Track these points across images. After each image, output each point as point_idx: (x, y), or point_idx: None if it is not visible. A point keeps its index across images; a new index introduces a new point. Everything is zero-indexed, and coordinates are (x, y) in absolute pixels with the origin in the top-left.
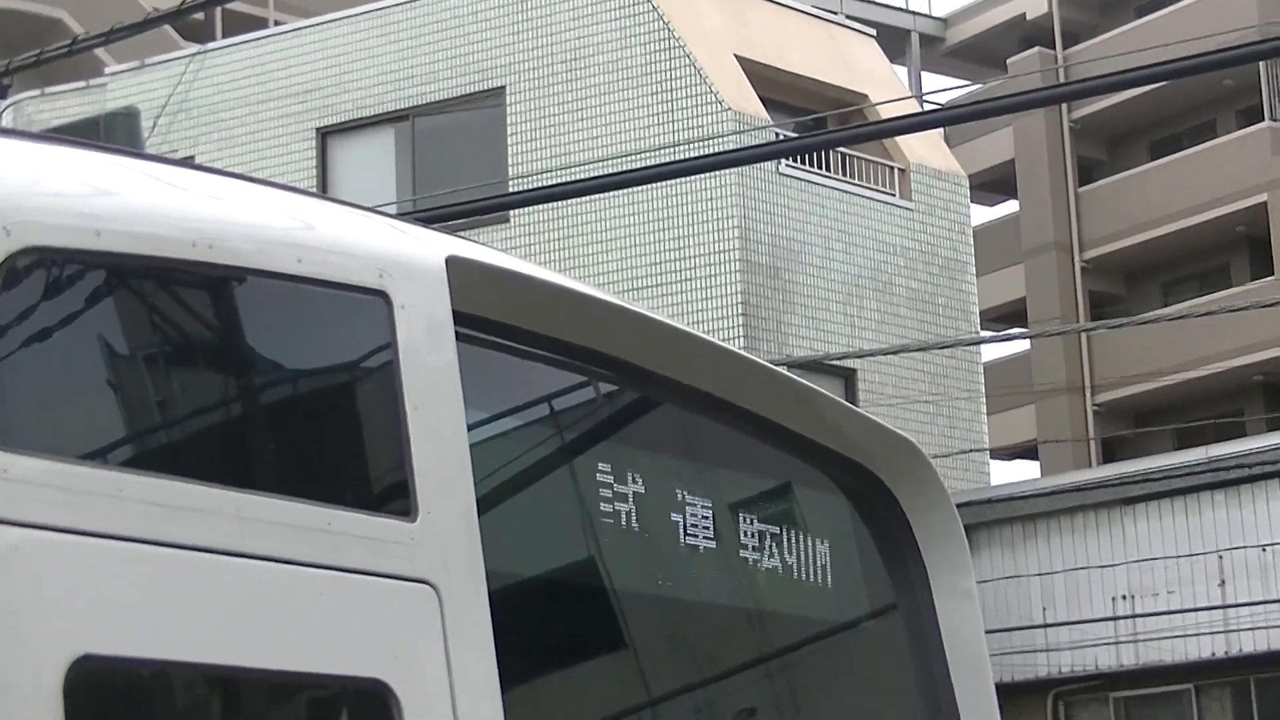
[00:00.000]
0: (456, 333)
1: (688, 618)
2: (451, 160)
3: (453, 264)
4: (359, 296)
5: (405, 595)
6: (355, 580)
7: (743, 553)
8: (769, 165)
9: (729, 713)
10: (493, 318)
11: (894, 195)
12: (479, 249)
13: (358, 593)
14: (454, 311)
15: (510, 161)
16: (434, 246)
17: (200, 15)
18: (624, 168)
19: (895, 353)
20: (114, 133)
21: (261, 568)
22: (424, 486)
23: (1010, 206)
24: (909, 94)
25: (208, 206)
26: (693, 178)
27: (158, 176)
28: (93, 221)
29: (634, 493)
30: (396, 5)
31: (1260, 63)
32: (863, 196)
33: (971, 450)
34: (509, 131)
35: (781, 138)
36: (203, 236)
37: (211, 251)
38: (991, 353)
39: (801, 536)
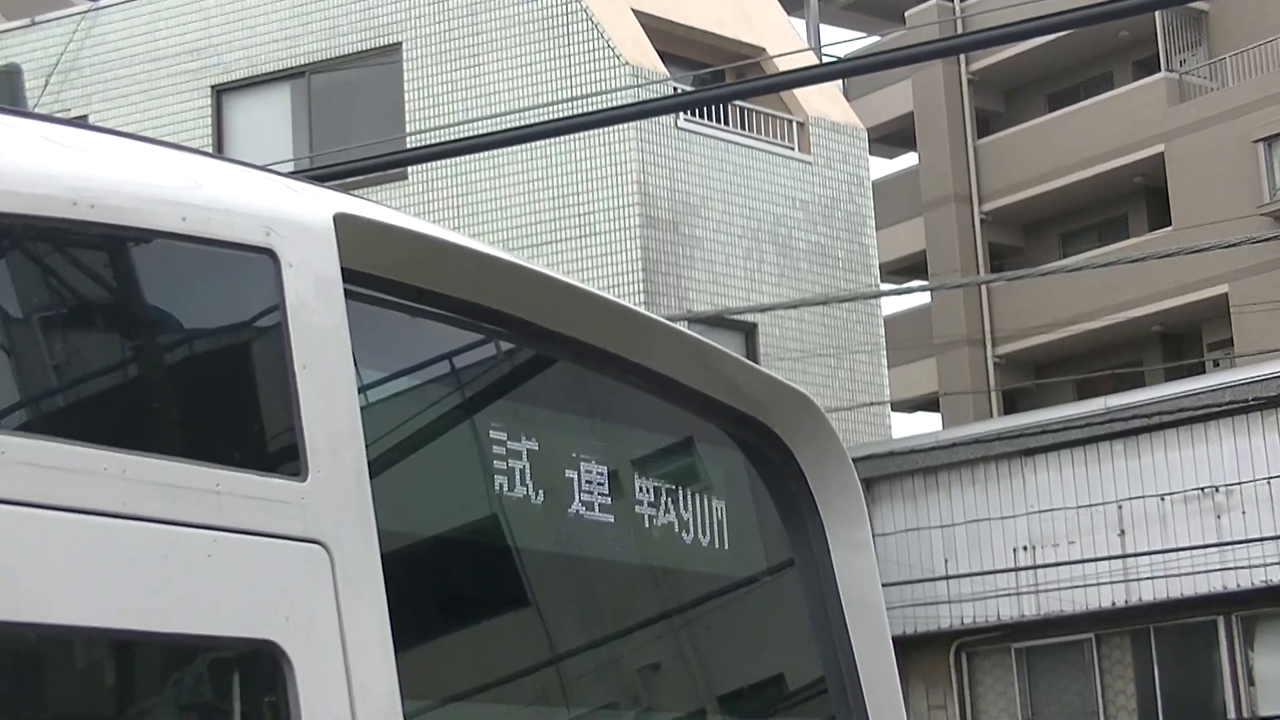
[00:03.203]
0: (346, 291)
1: (585, 575)
2: (348, 117)
3: (341, 221)
4: (245, 255)
5: (296, 556)
6: (245, 541)
7: (640, 509)
8: (667, 120)
9: (632, 669)
10: (383, 275)
11: (793, 149)
12: (369, 206)
13: (247, 554)
14: (343, 269)
15: (407, 118)
16: (323, 204)
17: None
18: (522, 123)
19: (795, 306)
20: None
21: (149, 529)
22: (314, 446)
23: (909, 159)
24: (807, 47)
25: (91, 165)
26: (591, 133)
27: (40, 135)
28: None
29: (529, 450)
30: None
31: (1156, 13)
32: (762, 150)
33: (872, 403)
34: (406, 87)
35: (679, 92)
36: (84, 195)
37: (93, 210)
38: (892, 305)
39: (698, 492)
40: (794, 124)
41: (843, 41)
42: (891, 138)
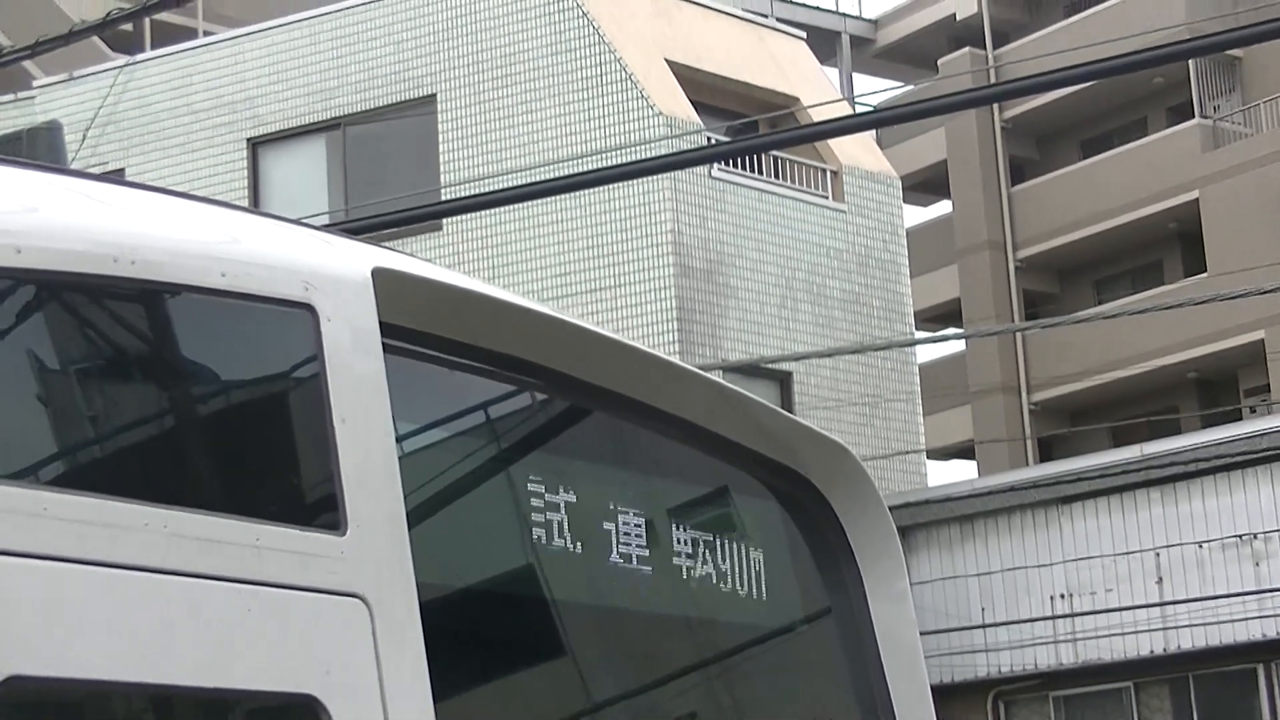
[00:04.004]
0: (384, 344)
1: (623, 626)
2: (383, 168)
3: (379, 275)
4: (284, 309)
5: (336, 609)
6: (285, 595)
7: (677, 559)
8: (701, 169)
9: (669, 719)
10: (420, 328)
11: (826, 197)
12: (406, 260)
13: (288, 608)
14: (381, 323)
15: (442, 169)
16: (360, 258)
17: (128, 26)
18: (556, 174)
19: (830, 355)
20: (35, 147)
21: (190, 584)
22: (353, 500)
23: (943, 207)
24: (840, 96)
25: (130, 221)
26: (625, 182)
27: (81, 192)
28: (13, 239)
29: (566, 502)
30: (326, 15)
31: (1189, 60)
32: (795, 199)
33: (908, 451)
34: (440, 139)
35: (713, 141)
36: (124, 252)
37: (133, 267)
38: (927, 353)
39: (736, 542)
40: (828, 173)
41: (876, 91)
42: (925, 185)
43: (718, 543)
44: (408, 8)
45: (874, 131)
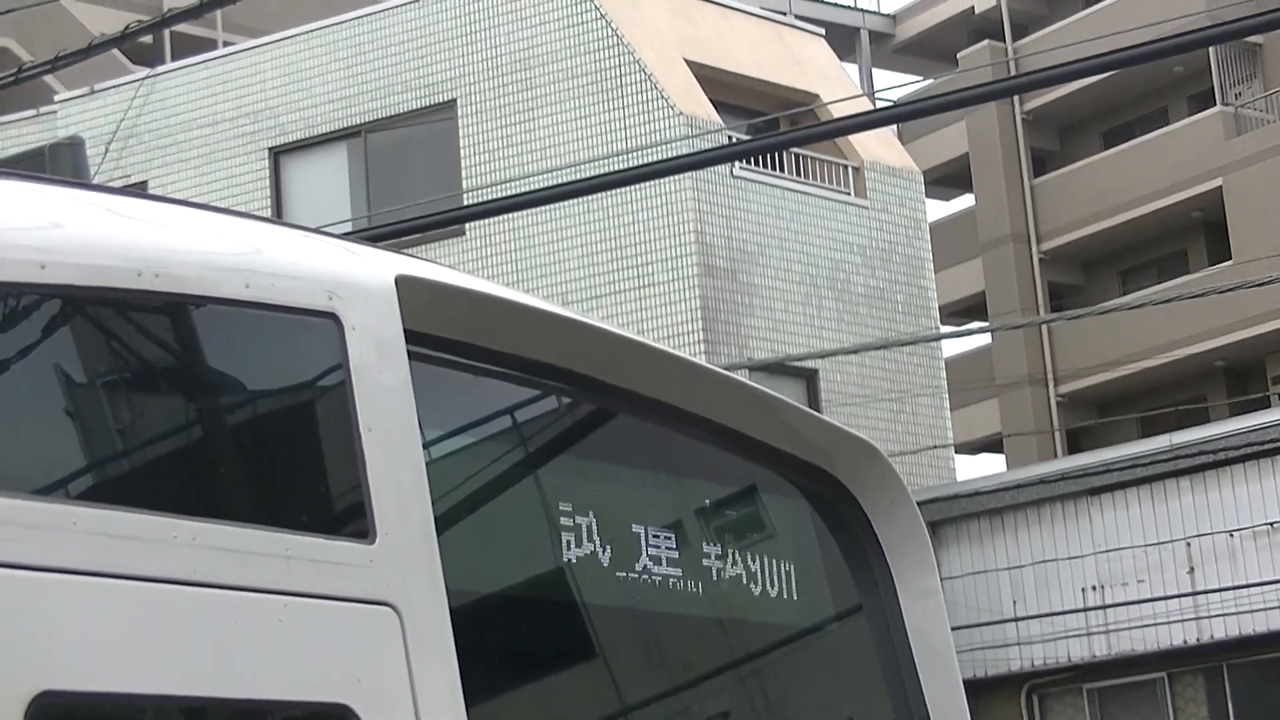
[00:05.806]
0: (409, 352)
1: (654, 627)
2: (405, 175)
3: (403, 283)
4: (309, 319)
5: (366, 618)
6: (315, 605)
7: (706, 560)
8: (723, 168)
9: (701, 718)
10: (445, 335)
11: (849, 194)
12: (429, 267)
13: (318, 617)
14: (405, 330)
15: (464, 174)
16: (384, 266)
17: (148, 39)
18: (577, 176)
19: (855, 351)
20: (58, 163)
21: (220, 596)
22: (381, 508)
23: (966, 200)
24: (860, 92)
25: (154, 235)
26: (647, 183)
27: (105, 206)
28: (38, 254)
29: (594, 505)
30: (345, 23)
31: (1210, 48)
32: (818, 196)
33: (936, 446)
34: (462, 144)
35: (734, 140)
36: (149, 265)
37: (158, 280)
38: (952, 347)
39: (765, 541)
40: (849, 169)
41: (896, 86)
42: (947, 179)
43: (747, 542)
44: (426, 14)
45: (895, 126)
